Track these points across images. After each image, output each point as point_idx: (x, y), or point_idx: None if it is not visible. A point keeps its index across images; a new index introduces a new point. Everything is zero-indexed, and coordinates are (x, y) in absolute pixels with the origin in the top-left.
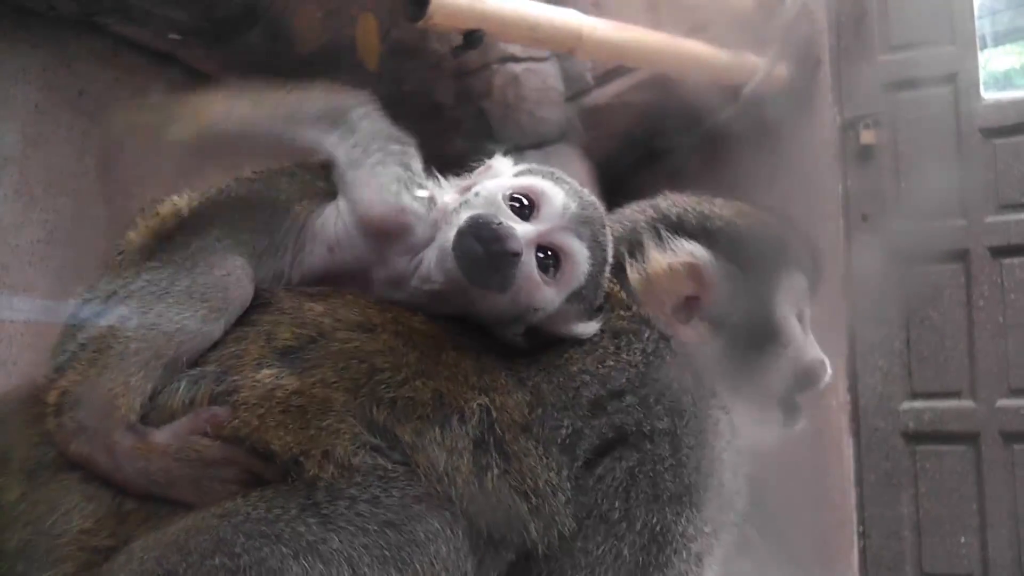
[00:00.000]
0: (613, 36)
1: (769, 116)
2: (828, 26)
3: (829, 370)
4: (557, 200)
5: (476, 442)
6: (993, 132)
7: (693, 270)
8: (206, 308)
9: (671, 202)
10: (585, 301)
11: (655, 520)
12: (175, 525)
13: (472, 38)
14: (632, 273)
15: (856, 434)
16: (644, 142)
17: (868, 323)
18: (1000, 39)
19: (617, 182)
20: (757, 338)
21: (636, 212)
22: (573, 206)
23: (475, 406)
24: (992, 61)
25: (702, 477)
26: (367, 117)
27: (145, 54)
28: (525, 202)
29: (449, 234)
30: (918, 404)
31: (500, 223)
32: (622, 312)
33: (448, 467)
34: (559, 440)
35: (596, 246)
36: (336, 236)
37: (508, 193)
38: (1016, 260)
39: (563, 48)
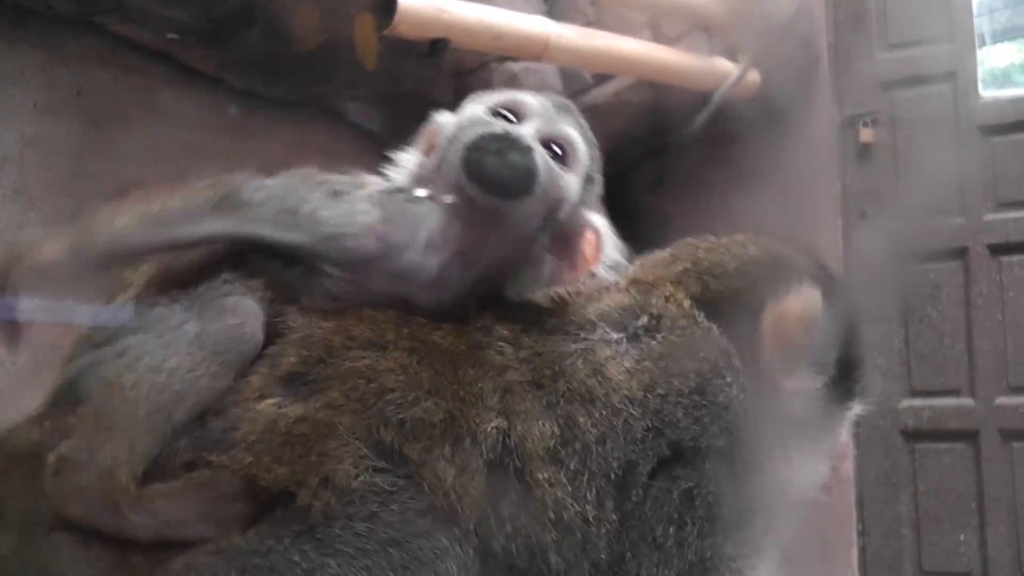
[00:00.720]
0: (581, 43)
1: (742, 122)
2: (826, 25)
3: None
4: (536, 100)
5: (491, 465)
6: (992, 130)
7: (815, 319)
8: (218, 364)
9: (778, 244)
10: (595, 184)
11: (707, 545)
12: (172, 565)
13: (436, 47)
14: (771, 311)
15: (855, 432)
16: (643, 141)
17: (867, 321)
18: (999, 37)
19: (615, 180)
20: (842, 396)
21: (743, 244)
22: (550, 102)
23: (491, 428)
24: (991, 59)
25: (753, 500)
26: (253, 185)
27: (143, 53)
28: (509, 113)
29: (453, 176)
30: (917, 402)
31: (503, 131)
32: (668, 335)
33: (456, 484)
34: (612, 475)
35: (583, 128)
36: (344, 289)
37: (491, 108)
38: (1015, 258)
39: (530, 56)
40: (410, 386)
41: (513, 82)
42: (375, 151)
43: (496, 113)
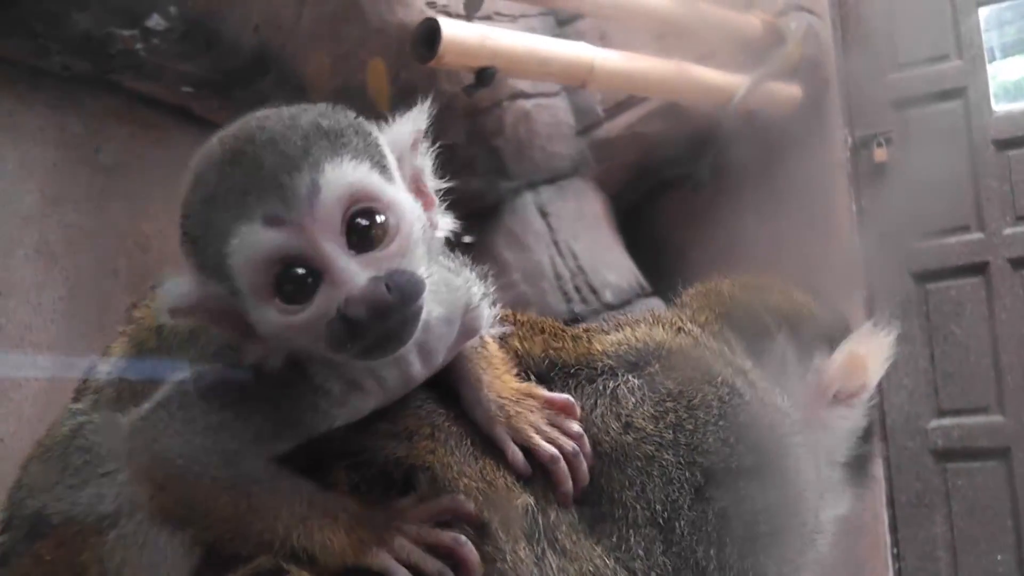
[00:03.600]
0: (624, 66)
1: (775, 137)
2: (835, 47)
3: None
4: (294, 211)
5: (528, 536)
6: (1006, 143)
7: (863, 363)
8: None
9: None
10: (383, 153)
11: (748, 565)
12: None
13: (484, 75)
14: (839, 353)
15: (885, 455)
16: (656, 172)
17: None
18: (1008, 50)
19: (632, 213)
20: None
21: (801, 297)
22: (293, 175)
23: (518, 504)
24: (1002, 72)
25: (787, 517)
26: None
27: (160, 108)
28: (289, 281)
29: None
30: (946, 421)
31: (344, 325)
32: (683, 371)
33: (506, 551)
34: (659, 520)
35: (344, 153)
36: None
37: (267, 279)
38: None
39: (575, 81)
40: (442, 470)
41: (526, 120)
42: None
43: (280, 277)
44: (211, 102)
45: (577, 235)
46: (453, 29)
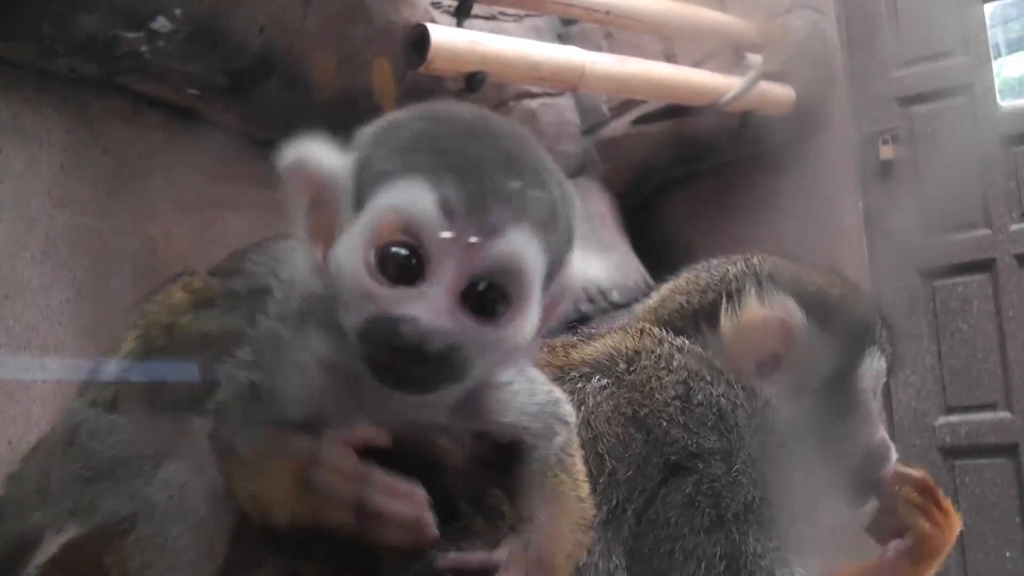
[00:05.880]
0: (615, 70)
1: (765, 144)
2: (841, 44)
3: (894, 455)
4: (445, 213)
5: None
6: (1012, 140)
7: (785, 327)
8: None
9: (763, 258)
10: (567, 242)
11: (725, 542)
12: None
13: (474, 81)
14: (726, 320)
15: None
16: (663, 171)
17: (898, 339)
18: (1014, 46)
19: (639, 212)
20: (835, 409)
21: (726, 263)
22: (475, 193)
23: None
24: (1007, 68)
25: (762, 491)
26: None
27: (165, 110)
28: (408, 253)
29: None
30: (954, 418)
31: (398, 336)
32: (645, 362)
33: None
34: (636, 500)
35: (541, 208)
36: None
37: (381, 247)
38: None
39: (566, 86)
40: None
41: (532, 119)
42: None
43: (386, 258)
44: (217, 104)
45: (583, 234)
46: (442, 35)
